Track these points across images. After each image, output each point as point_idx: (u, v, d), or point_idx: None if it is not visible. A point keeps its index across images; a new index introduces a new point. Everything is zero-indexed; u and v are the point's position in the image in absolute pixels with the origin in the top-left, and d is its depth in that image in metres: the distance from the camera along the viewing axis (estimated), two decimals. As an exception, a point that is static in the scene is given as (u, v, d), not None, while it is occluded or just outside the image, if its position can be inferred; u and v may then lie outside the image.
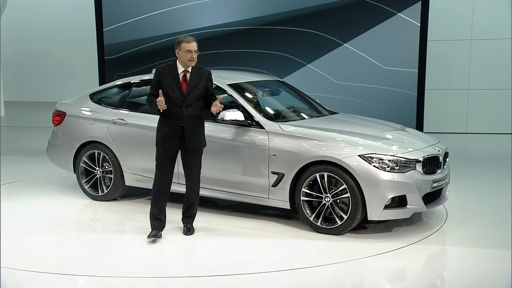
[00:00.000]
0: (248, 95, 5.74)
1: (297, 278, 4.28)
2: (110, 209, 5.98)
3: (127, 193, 6.25)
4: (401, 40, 9.92)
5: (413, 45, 9.80)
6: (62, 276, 4.28)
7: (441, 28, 10.58)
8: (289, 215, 5.55)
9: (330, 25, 10.10)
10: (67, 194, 6.48)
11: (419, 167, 5.01)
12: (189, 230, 5.09)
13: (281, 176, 5.18)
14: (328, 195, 5.01)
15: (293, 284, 4.25)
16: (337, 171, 4.94)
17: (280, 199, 5.24)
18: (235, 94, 5.59)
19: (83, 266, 4.48)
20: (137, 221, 5.51)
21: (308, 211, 5.11)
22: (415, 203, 4.98)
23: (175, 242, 4.95)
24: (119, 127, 6.04)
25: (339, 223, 4.99)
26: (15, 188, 6.86)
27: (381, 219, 4.95)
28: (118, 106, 6.22)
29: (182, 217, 5.15)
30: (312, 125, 5.46)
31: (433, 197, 5.24)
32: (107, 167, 6.15)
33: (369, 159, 4.89)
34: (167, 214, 5.06)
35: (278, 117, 5.66)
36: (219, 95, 5.61)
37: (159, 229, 4.98)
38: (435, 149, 5.33)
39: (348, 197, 4.91)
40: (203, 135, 5.02)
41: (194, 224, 5.16)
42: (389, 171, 4.87)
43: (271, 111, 5.76)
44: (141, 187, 6.03)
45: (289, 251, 4.84)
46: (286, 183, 5.16)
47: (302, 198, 5.11)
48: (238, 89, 5.72)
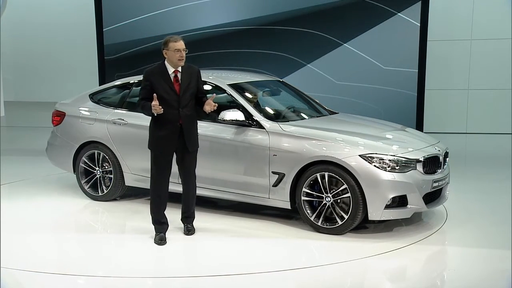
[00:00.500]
0: (248, 95, 5.73)
1: (297, 278, 4.29)
2: (110, 209, 5.97)
3: (127, 193, 6.25)
4: (401, 40, 9.92)
5: (413, 45, 9.80)
6: (62, 276, 4.28)
7: (441, 28, 10.59)
8: (289, 215, 5.55)
9: (330, 25, 10.09)
10: (67, 194, 6.48)
11: (419, 167, 5.01)
12: (189, 230, 5.08)
13: (281, 176, 5.18)
14: (329, 195, 5.00)
15: (294, 284, 4.26)
16: (338, 171, 4.93)
17: (281, 199, 5.23)
18: (235, 94, 5.59)
19: (83, 266, 4.47)
20: (137, 221, 5.51)
21: (308, 211, 5.11)
22: (415, 203, 4.99)
23: (175, 242, 4.94)
24: (119, 127, 6.04)
25: (339, 223, 4.99)
26: (15, 188, 6.85)
27: (381, 219, 4.96)
28: (118, 106, 6.22)
29: (181, 217, 5.14)
30: (312, 125, 5.46)
31: (433, 197, 5.24)
32: (107, 167, 6.14)
33: (369, 159, 4.89)
34: (167, 214, 5.05)
35: (278, 117, 5.66)
36: (219, 94, 5.63)
37: (164, 231, 4.96)
38: (435, 149, 5.33)
39: (348, 197, 4.91)
40: (197, 134, 5.00)
41: (194, 224, 5.15)
42: (389, 171, 4.88)
43: (271, 111, 5.76)
44: (141, 187, 6.02)
45: (289, 251, 4.84)
46: (286, 183, 5.15)
47: (303, 198, 5.11)
48: (238, 89, 5.71)
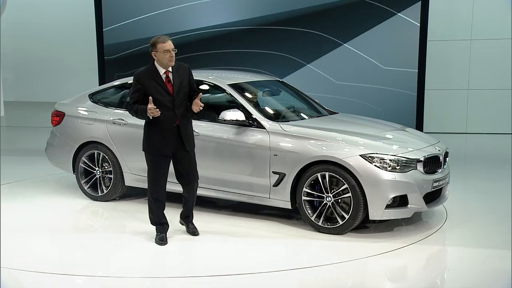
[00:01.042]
0: (248, 95, 5.73)
1: (298, 278, 4.28)
2: (110, 209, 5.97)
3: (126, 193, 6.24)
4: (401, 40, 9.92)
5: (413, 45, 9.80)
6: (62, 276, 4.27)
7: (441, 28, 10.60)
8: (289, 215, 5.55)
9: (330, 25, 10.09)
10: (67, 195, 6.47)
11: (420, 166, 5.02)
12: (194, 231, 5.03)
13: (282, 176, 5.18)
14: (330, 194, 5.01)
15: (295, 284, 4.25)
16: (339, 171, 4.94)
17: (281, 199, 5.23)
18: (235, 94, 5.59)
19: (82, 266, 4.47)
20: (137, 221, 5.51)
21: (309, 211, 5.11)
22: (416, 203, 4.99)
23: (175, 242, 4.94)
24: (119, 127, 6.03)
25: (340, 222, 4.99)
26: (14, 188, 6.85)
27: (382, 218, 4.96)
28: (117, 106, 6.21)
29: (183, 219, 5.09)
30: (313, 125, 5.46)
31: (433, 196, 5.25)
32: (106, 167, 6.14)
33: (370, 159, 4.89)
34: (166, 215, 5.03)
35: (278, 117, 5.65)
36: (219, 94, 5.63)
37: (165, 231, 4.94)
38: (435, 148, 5.34)
39: (349, 196, 4.91)
40: (193, 133, 4.95)
41: (194, 223, 5.13)
42: (390, 171, 4.88)
43: (271, 111, 5.75)
44: (141, 187, 6.01)
45: (290, 251, 4.84)
46: (287, 183, 5.15)
47: (303, 198, 5.11)
48: (238, 89, 5.71)
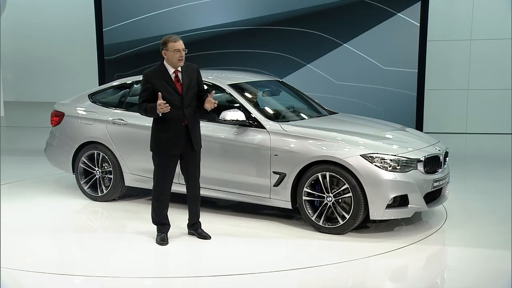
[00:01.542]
0: (248, 95, 5.73)
1: (299, 278, 4.28)
2: (110, 209, 5.97)
3: (126, 194, 6.24)
4: (400, 40, 9.92)
5: (412, 45, 9.79)
6: (62, 276, 4.27)
7: (441, 28, 10.59)
8: (289, 215, 5.55)
9: (330, 25, 10.09)
10: (67, 195, 6.47)
11: (420, 166, 5.02)
12: (206, 234, 4.99)
13: (282, 176, 5.18)
14: (330, 194, 5.01)
15: (295, 284, 4.25)
16: (339, 171, 4.94)
17: (282, 199, 5.23)
18: (236, 94, 5.59)
19: (82, 266, 4.47)
20: (137, 221, 5.51)
21: (310, 210, 5.11)
22: (416, 203, 4.99)
23: (176, 242, 4.94)
24: (118, 127, 6.03)
25: (341, 222, 4.99)
26: (14, 189, 6.84)
27: (383, 218, 4.96)
28: (117, 106, 6.21)
29: (191, 227, 5.04)
30: (313, 125, 5.46)
31: (433, 196, 5.25)
32: (106, 167, 6.14)
33: (371, 159, 4.89)
34: (168, 215, 5.03)
35: (278, 117, 5.65)
36: (219, 94, 5.62)
37: (166, 232, 4.94)
38: (435, 148, 5.34)
39: (350, 196, 4.92)
40: (200, 134, 4.97)
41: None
42: (391, 171, 4.88)
43: (271, 111, 5.75)
44: (141, 187, 6.02)
45: (290, 251, 4.84)
46: (287, 183, 5.15)
47: (304, 197, 5.11)
48: (238, 89, 5.71)
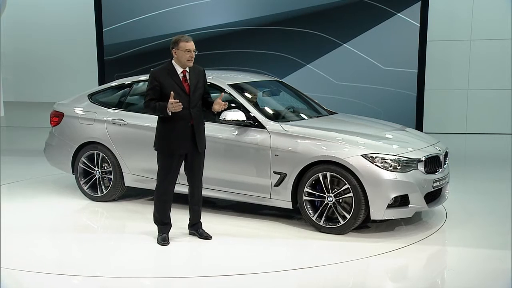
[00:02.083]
0: (248, 95, 5.73)
1: (299, 278, 4.28)
2: (110, 209, 5.96)
3: (126, 194, 6.23)
4: (400, 40, 9.92)
5: (412, 45, 9.79)
6: (62, 276, 4.27)
7: (440, 28, 10.60)
8: (290, 215, 5.55)
9: (330, 25, 10.09)
10: (66, 195, 6.47)
11: (421, 166, 5.03)
12: (207, 234, 4.99)
13: (283, 176, 5.18)
14: (331, 194, 5.01)
15: (296, 284, 4.25)
16: (340, 171, 4.94)
17: (282, 199, 5.23)
18: (236, 94, 5.59)
19: (82, 266, 4.47)
20: (137, 222, 5.51)
21: (310, 210, 5.11)
22: (417, 202, 5.00)
23: (176, 242, 4.94)
24: (118, 128, 6.03)
25: (341, 222, 5.00)
26: (14, 189, 6.84)
27: (383, 218, 4.97)
28: (117, 106, 6.21)
29: (192, 227, 5.04)
30: (313, 125, 5.46)
31: (434, 196, 5.26)
32: (106, 167, 6.13)
33: (371, 159, 4.89)
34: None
35: (278, 117, 5.66)
36: (219, 94, 5.61)
37: (167, 232, 4.94)
38: (435, 148, 5.34)
39: (350, 196, 4.92)
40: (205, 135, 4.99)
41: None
42: (391, 171, 4.89)
43: (271, 111, 5.75)
44: (141, 187, 6.01)
45: (291, 250, 4.84)
46: (288, 183, 5.16)
47: (305, 197, 5.11)
48: (239, 89, 5.71)
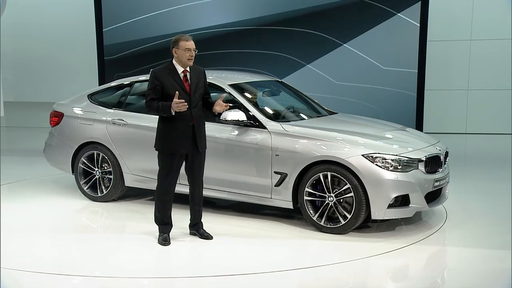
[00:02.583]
0: (248, 95, 5.73)
1: (300, 278, 4.28)
2: (109, 210, 5.96)
3: (126, 194, 6.23)
4: (400, 40, 9.91)
5: (412, 45, 9.79)
6: (62, 276, 4.26)
7: (440, 28, 10.60)
8: (290, 215, 5.55)
9: (330, 25, 10.09)
10: (66, 195, 6.46)
11: (421, 166, 5.03)
12: (208, 234, 4.99)
13: (284, 176, 5.18)
14: (332, 194, 5.01)
15: (297, 283, 4.25)
16: (341, 171, 4.94)
17: (283, 199, 5.23)
18: (236, 94, 5.58)
19: (82, 267, 4.47)
20: (137, 222, 5.51)
21: (311, 210, 5.11)
22: (418, 202, 5.00)
23: (177, 242, 4.93)
24: (119, 128, 6.02)
25: (342, 222, 5.00)
26: (14, 189, 6.84)
27: (384, 218, 4.97)
28: (117, 107, 6.20)
29: (192, 227, 5.04)
30: (314, 125, 5.46)
31: (434, 196, 5.26)
32: (106, 168, 6.13)
33: (372, 159, 4.89)
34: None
35: (278, 117, 5.65)
36: (219, 94, 5.61)
37: (168, 232, 4.93)
38: (436, 148, 5.35)
39: (351, 196, 4.92)
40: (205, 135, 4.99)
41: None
42: (392, 171, 4.89)
43: (271, 111, 5.75)
44: (141, 187, 6.01)
45: (292, 250, 4.84)
46: (289, 183, 5.15)
47: (305, 197, 5.11)
48: (239, 89, 5.71)
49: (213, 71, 6.23)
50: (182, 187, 5.27)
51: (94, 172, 6.17)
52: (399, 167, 4.91)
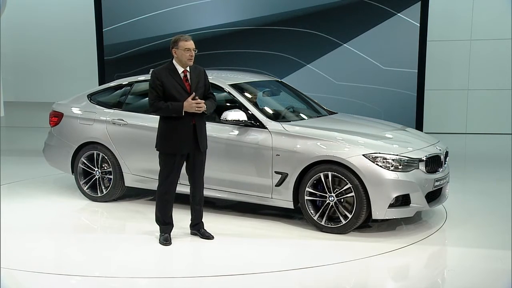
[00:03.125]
0: (248, 95, 5.73)
1: (301, 278, 4.28)
2: (109, 210, 5.96)
3: (126, 194, 6.23)
4: (400, 40, 9.92)
5: (412, 45, 9.79)
6: (61, 276, 4.26)
7: (440, 28, 10.60)
8: (291, 215, 5.55)
9: (330, 25, 10.09)
10: (66, 195, 6.46)
11: (422, 166, 5.03)
12: (209, 234, 4.99)
13: (284, 176, 5.18)
14: (332, 194, 5.01)
15: (298, 283, 4.25)
16: (342, 171, 4.94)
17: (284, 198, 5.23)
18: (236, 94, 5.58)
19: (82, 267, 4.46)
20: (137, 222, 5.51)
21: (312, 210, 5.11)
22: (418, 202, 5.00)
23: (178, 242, 4.93)
24: (118, 128, 6.02)
25: (343, 222, 5.00)
26: (14, 189, 6.84)
27: (385, 218, 4.97)
28: (117, 107, 6.20)
29: (193, 227, 5.04)
30: (314, 125, 5.46)
31: (434, 195, 5.27)
32: (106, 168, 6.13)
33: (373, 159, 4.89)
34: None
35: (278, 117, 5.66)
36: (219, 94, 5.61)
37: (169, 232, 4.93)
38: (436, 148, 5.35)
39: (352, 196, 4.92)
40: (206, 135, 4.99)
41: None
42: (393, 170, 4.89)
43: (271, 111, 5.75)
44: (141, 187, 6.01)
45: (293, 250, 4.84)
46: (289, 182, 5.15)
47: (306, 197, 5.11)
48: (239, 89, 5.71)
49: (213, 71, 6.23)
50: (183, 187, 5.27)
51: (94, 172, 6.17)
52: (399, 167, 4.91)
